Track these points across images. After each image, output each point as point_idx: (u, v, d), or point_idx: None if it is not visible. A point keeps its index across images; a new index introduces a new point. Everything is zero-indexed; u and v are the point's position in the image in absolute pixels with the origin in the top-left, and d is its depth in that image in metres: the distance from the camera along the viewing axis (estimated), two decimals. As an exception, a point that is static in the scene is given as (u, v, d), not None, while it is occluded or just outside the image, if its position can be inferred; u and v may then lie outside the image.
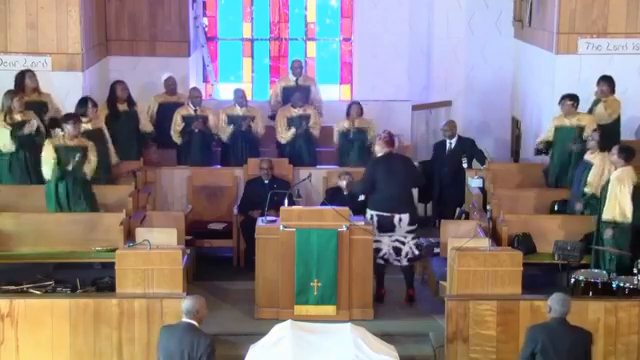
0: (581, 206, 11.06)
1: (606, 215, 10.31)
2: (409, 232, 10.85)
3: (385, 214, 10.78)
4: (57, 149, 11.08)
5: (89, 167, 11.27)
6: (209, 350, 7.66)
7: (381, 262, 10.83)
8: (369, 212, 10.88)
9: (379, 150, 11.08)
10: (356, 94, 15.97)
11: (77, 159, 11.02)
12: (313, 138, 13.50)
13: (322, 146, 13.76)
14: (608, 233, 10.29)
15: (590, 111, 12.28)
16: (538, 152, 12.47)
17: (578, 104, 12.09)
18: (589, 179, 10.99)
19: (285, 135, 13.38)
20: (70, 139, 11.16)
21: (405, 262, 10.86)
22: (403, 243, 10.82)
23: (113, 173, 12.30)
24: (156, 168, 12.96)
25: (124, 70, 14.66)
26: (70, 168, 11.00)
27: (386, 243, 10.81)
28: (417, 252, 10.85)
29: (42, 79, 12.60)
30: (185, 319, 7.81)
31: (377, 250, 10.79)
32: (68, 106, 12.48)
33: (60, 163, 11.01)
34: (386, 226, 10.80)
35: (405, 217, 10.79)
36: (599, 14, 13.02)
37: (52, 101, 12.57)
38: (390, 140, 11.03)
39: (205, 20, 16.09)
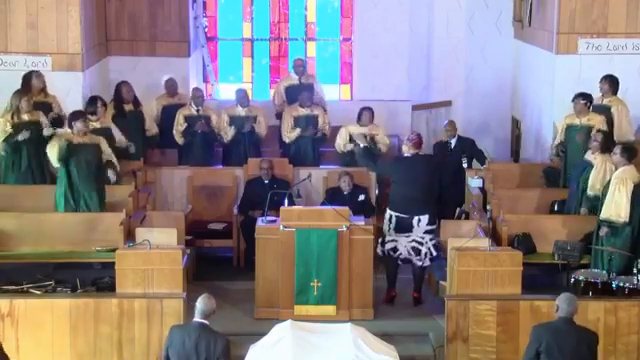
0: (586, 211, 11.02)
1: (603, 214, 10.32)
2: (427, 232, 10.81)
3: (404, 216, 10.77)
4: (68, 146, 11.04)
5: (113, 159, 11.40)
6: (226, 350, 7.77)
7: (399, 263, 10.84)
8: (388, 212, 10.88)
9: (406, 150, 11.05)
10: (356, 94, 15.97)
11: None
12: (321, 139, 13.41)
13: (323, 146, 13.73)
14: (603, 231, 10.31)
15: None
16: (559, 155, 12.20)
17: (591, 104, 12.06)
18: (590, 182, 10.96)
19: (290, 135, 13.34)
20: (80, 136, 11.15)
21: (428, 262, 10.83)
22: (421, 244, 10.79)
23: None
24: (156, 168, 12.95)
25: (124, 70, 14.64)
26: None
27: (403, 243, 10.80)
28: (435, 253, 10.81)
29: (42, 79, 12.63)
30: (198, 319, 7.87)
31: (394, 250, 10.81)
32: (68, 106, 12.48)
33: (66, 157, 11.02)
34: (405, 227, 10.78)
35: (424, 218, 10.76)
36: (599, 14, 13.01)
37: (57, 102, 12.56)
38: (417, 142, 10.98)
39: (205, 20, 16.08)
